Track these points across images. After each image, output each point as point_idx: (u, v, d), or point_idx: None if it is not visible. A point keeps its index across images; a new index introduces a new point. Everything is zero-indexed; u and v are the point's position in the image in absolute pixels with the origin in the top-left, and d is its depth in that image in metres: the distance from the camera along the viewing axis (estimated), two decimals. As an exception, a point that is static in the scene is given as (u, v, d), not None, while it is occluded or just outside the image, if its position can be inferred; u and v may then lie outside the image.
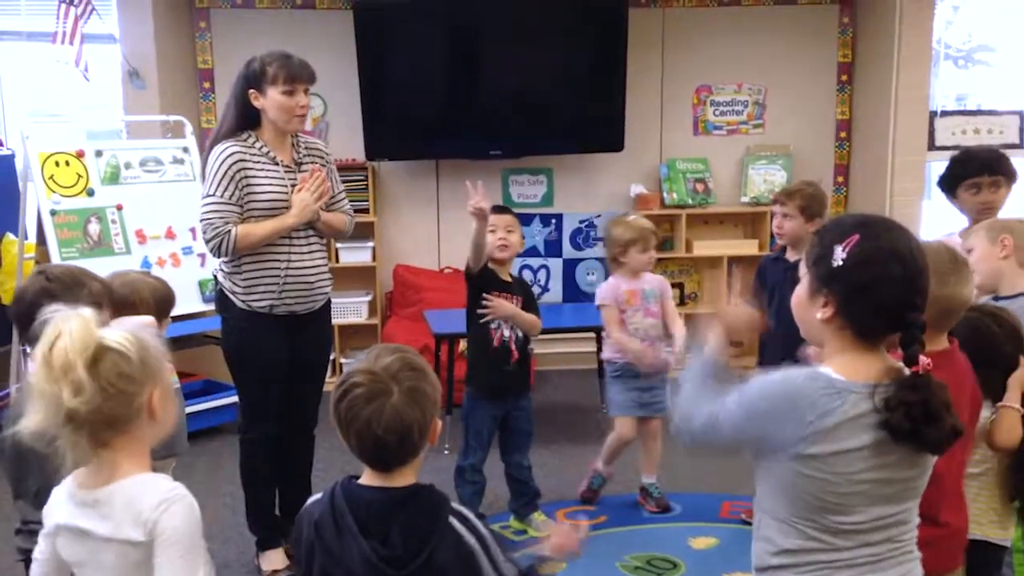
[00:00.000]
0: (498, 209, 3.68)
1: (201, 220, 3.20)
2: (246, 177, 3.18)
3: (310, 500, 1.71)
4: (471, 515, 1.68)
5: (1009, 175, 3.19)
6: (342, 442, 1.65)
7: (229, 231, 3.16)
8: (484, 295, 3.56)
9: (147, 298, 2.61)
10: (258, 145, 3.23)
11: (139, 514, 1.58)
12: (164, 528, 1.57)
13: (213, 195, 3.16)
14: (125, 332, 1.62)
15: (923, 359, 1.58)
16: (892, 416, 1.56)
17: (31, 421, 1.54)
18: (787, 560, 1.67)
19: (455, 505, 1.67)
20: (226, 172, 3.15)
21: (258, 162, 3.21)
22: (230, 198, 3.16)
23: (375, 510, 1.62)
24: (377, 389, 1.60)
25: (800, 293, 1.72)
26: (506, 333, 3.63)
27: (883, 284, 1.58)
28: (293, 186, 3.27)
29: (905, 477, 1.64)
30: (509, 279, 3.67)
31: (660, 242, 3.94)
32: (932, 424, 1.55)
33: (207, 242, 3.21)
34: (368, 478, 1.67)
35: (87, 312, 1.59)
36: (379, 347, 1.69)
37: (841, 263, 1.61)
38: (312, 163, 3.37)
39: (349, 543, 1.58)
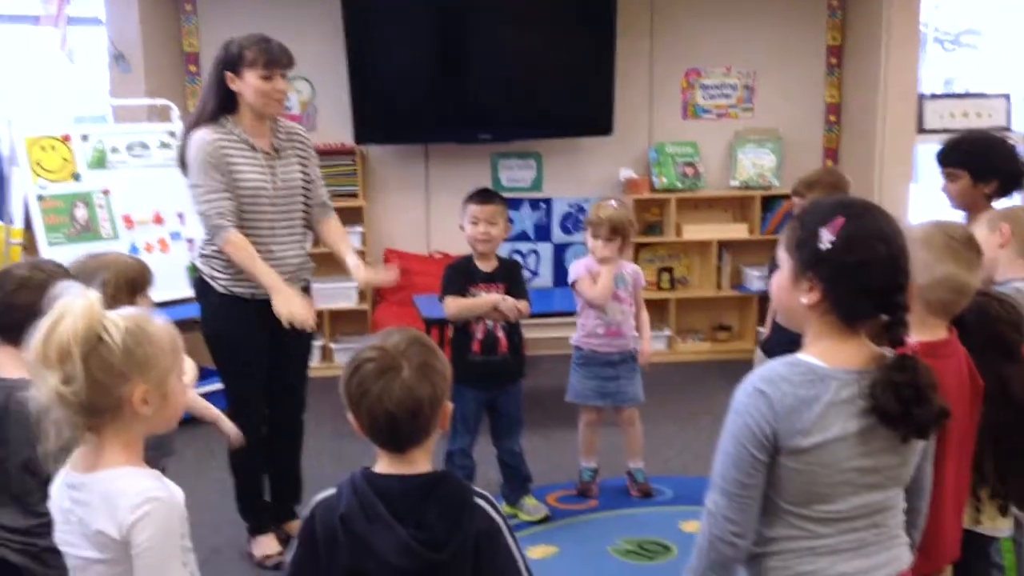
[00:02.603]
0: (482, 196, 3.65)
1: (197, 210, 3.20)
2: (229, 164, 3.16)
3: (322, 495, 1.67)
4: (490, 496, 1.69)
5: None
6: (354, 423, 1.64)
7: (222, 229, 3.14)
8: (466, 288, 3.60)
9: (109, 279, 2.43)
10: (237, 131, 3.20)
11: (114, 512, 1.56)
12: (138, 536, 1.55)
13: (203, 185, 3.14)
14: (128, 319, 1.59)
15: (909, 340, 1.58)
16: (881, 398, 1.55)
17: (38, 392, 1.54)
18: (770, 548, 1.67)
19: (476, 488, 1.68)
20: (208, 159, 3.13)
21: (237, 147, 3.19)
22: (217, 184, 3.14)
23: (408, 498, 1.60)
24: (387, 364, 1.59)
25: (782, 279, 1.69)
26: (489, 323, 3.62)
27: (871, 265, 1.57)
28: (272, 173, 3.25)
29: (890, 464, 1.64)
30: (492, 267, 3.65)
31: (635, 231, 3.88)
32: (921, 405, 1.55)
33: (207, 232, 3.21)
34: (385, 465, 1.65)
35: (94, 295, 1.57)
36: (388, 328, 1.69)
37: (829, 246, 1.59)
38: (293, 149, 3.34)
39: (383, 532, 1.57)
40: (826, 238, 1.59)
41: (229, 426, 2.85)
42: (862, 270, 1.57)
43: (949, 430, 1.90)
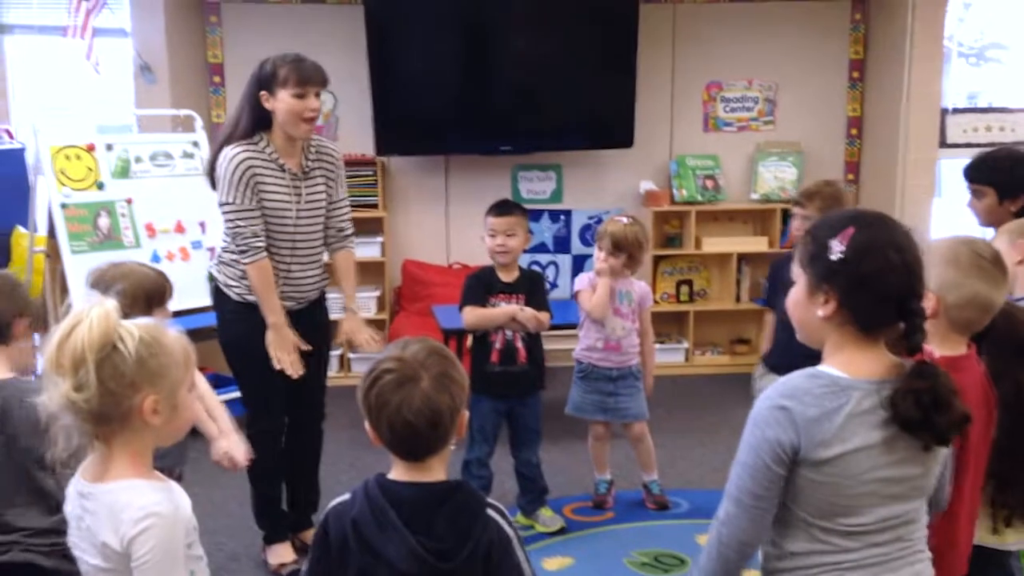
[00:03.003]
0: (500, 208, 3.65)
1: (228, 228, 3.22)
2: (259, 183, 3.18)
3: (336, 500, 1.69)
4: (503, 508, 1.69)
5: None
6: (371, 433, 1.65)
7: (256, 251, 3.17)
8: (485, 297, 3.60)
9: (126, 290, 2.45)
10: (268, 151, 3.21)
11: (118, 525, 1.57)
12: (138, 551, 1.56)
13: (232, 203, 3.16)
14: (143, 329, 1.60)
15: (927, 348, 1.57)
16: (902, 405, 1.54)
17: (49, 398, 1.56)
18: (793, 564, 1.66)
19: (489, 499, 1.69)
20: (240, 178, 3.15)
21: (267, 167, 3.20)
22: (249, 203, 3.17)
23: (419, 506, 1.61)
24: (406, 375, 1.60)
25: (797, 294, 1.70)
26: (508, 333, 3.62)
27: (885, 273, 1.57)
28: (298, 195, 3.27)
29: (913, 475, 1.63)
30: (513, 277, 3.65)
31: (644, 250, 3.85)
32: (941, 411, 1.54)
33: (236, 247, 3.23)
34: (400, 473, 1.66)
35: (111, 304, 1.59)
36: (406, 338, 1.70)
37: (840, 256, 1.59)
38: (321, 169, 3.34)
39: (393, 539, 1.58)
40: (837, 249, 1.60)
41: (223, 450, 2.73)
42: (875, 278, 1.57)
43: (969, 444, 1.91)
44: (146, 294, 2.55)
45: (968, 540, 2.03)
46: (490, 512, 1.65)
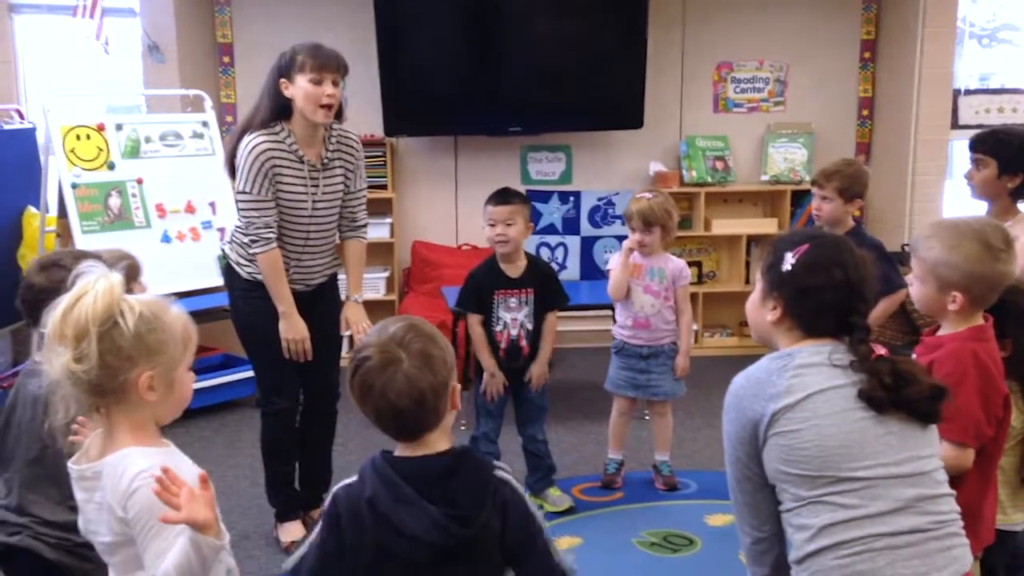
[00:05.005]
0: (499, 197, 3.61)
1: (241, 215, 3.23)
2: (277, 174, 3.19)
3: (343, 483, 1.70)
4: (507, 467, 1.73)
5: None
6: (364, 418, 1.66)
7: (267, 242, 3.18)
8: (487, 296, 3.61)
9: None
10: (288, 141, 3.21)
11: (116, 489, 1.59)
12: (129, 512, 1.58)
13: (249, 192, 3.17)
14: (145, 304, 1.61)
15: (877, 348, 1.72)
16: (868, 390, 1.66)
17: (50, 367, 1.57)
18: (824, 542, 1.68)
19: (495, 461, 1.72)
20: (260, 168, 3.15)
21: (286, 158, 3.20)
22: (266, 194, 3.18)
23: (431, 477, 1.63)
24: (387, 358, 1.61)
25: (753, 298, 1.88)
26: (513, 333, 3.63)
27: (825, 288, 1.73)
28: (316, 186, 3.27)
29: (901, 417, 1.69)
30: (519, 271, 3.63)
31: (674, 220, 3.84)
32: (908, 385, 1.66)
33: (246, 235, 3.24)
34: (402, 450, 1.68)
35: (116, 278, 1.60)
36: (386, 320, 1.71)
37: (790, 268, 1.77)
38: (340, 159, 3.34)
39: (413, 512, 1.60)
40: (788, 261, 1.77)
41: None
42: (816, 292, 1.75)
43: (1004, 416, 2.02)
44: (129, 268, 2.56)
45: (994, 508, 2.07)
46: (498, 473, 1.69)
